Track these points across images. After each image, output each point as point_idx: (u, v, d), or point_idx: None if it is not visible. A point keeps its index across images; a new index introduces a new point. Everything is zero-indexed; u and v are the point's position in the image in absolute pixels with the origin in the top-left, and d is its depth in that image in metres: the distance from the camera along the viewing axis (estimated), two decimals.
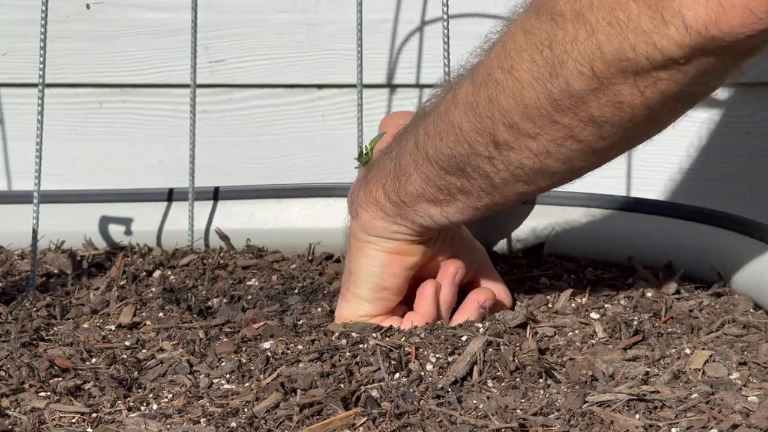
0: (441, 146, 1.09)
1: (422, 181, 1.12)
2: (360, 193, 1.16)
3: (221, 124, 1.77)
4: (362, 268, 1.18)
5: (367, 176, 1.17)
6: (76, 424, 0.98)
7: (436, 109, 1.11)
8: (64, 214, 1.50)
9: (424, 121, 1.11)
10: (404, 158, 1.12)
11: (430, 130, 1.10)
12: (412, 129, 1.13)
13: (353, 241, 1.18)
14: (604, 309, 1.24)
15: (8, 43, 1.73)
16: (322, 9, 1.73)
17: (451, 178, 1.10)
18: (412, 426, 0.95)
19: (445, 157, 1.09)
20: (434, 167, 1.10)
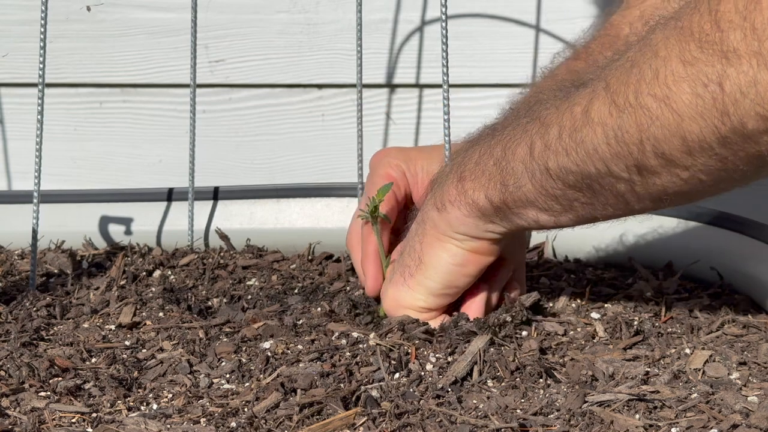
0: (566, 162, 1.03)
1: (537, 191, 1.07)
2: (451, 189, 1.12)
3: (221, 124, 1.77)
4: (438, 261, 1.15)
5: (460, 171, 1.12)
6: (76, 423, 0.98)
7: (552, 118, 1.05)
8: (64, 214, 1.50)
9: (535, 126, 1.06)
10: (514, 165, 1.08)
11: (550, 143, 1.04)
12: (518, 131, 1.08)
13: (433, 231, 1.14)
14: (604, 309, 1.24)
15: (8, 43, 1.73)
16: (322, 9, 1.73)
17: (573, 193, 1.06)
18: (412, 426, 0.95)
19: (570, 174, 1.04)
20: (554, 181, 1.06)
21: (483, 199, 1.11)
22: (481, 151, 1.12)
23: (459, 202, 1.12)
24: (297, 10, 1.73)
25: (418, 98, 1.76)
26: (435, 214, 1.14)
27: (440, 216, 1.13)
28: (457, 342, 1.11)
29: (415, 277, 1.15)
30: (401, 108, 1.77)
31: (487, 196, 1.10)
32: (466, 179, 1.11)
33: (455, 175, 1.12)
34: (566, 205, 1.07)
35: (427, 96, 1.76)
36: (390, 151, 1.30)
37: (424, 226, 1.15)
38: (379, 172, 1.28)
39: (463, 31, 1.73)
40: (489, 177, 1.10)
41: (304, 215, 1.51)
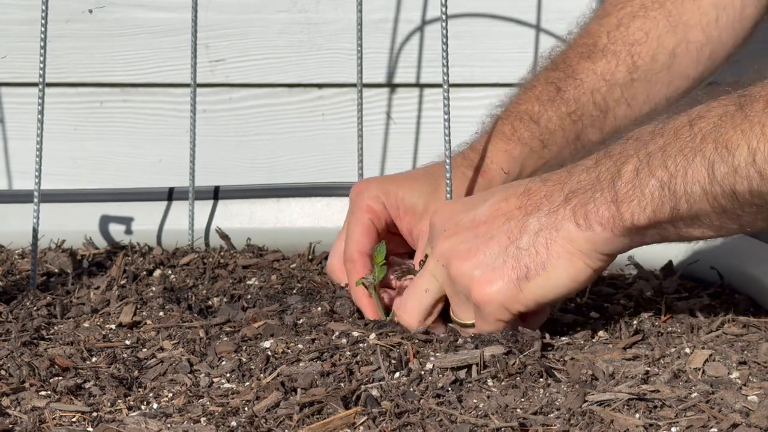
0: (760, 185, 1.00)
1: (715, 213, 1.04)
2: (602, 210, 1.06)
3: (221, 124, 1.77)
4: (565, 277, 1.09)
5: (612, 192, 1.06)
6: (76, 423, 0.98)
7: (735, 140, 1.01)
8: (64, 214, 1.50)
9: (709, 146, 1.02)
10: (690, 188, 1.03)
11: (738, 166, 1.00)
12: (684, 150, 1.03)
13: (567, 244, 1.08)
14: (604, 309, 1.24)
15: (9, 42, 1.73)
16: (323, 8, 1.73)
17: (758, 212, 1.03)
18: (412, 425, 0.95)
19: (762, 196, 1.01)
20: (740, 203, 1.02)
21: (645, 223, 1.06)
22: (635, 169, 1.06)
23: (612, 225, 1.07)
24: (297, 9, 1.73)
25: (418, 98, 1.77)
26: (573, 228, 1.08)
27: (581, 233, 1.08)
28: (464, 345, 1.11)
29: (532, 282, 1.09)
30: (401, 107, 1.77)
31: (652, 219, 1.06)
32: (622, 202, 1.06)
33: (607, 194, 1.07)
34: (745, 223, 1.05)
35: (427, 95, 1.76)
36: (370, 184, 1.29)
37: (556, 233, 1.08)
38: (359, 206, 1.28)
39: (464, 31, 1.73)
40: (654, 200, 1.05)
41: (304, 215, 1.51)
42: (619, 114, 1.37)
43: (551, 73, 1.38)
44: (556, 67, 1.38)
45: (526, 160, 1.34)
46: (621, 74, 1.36)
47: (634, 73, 1.36)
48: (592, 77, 1.36)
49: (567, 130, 1.35)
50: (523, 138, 1.34)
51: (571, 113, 1.35)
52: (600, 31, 1.38)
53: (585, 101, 1.36)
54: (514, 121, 1.35)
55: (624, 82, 1.36)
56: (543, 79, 1.38)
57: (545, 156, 1.35)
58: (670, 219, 1.06)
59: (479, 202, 1.14)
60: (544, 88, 1.37)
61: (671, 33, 1.36)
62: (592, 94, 1.36)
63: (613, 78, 1.36)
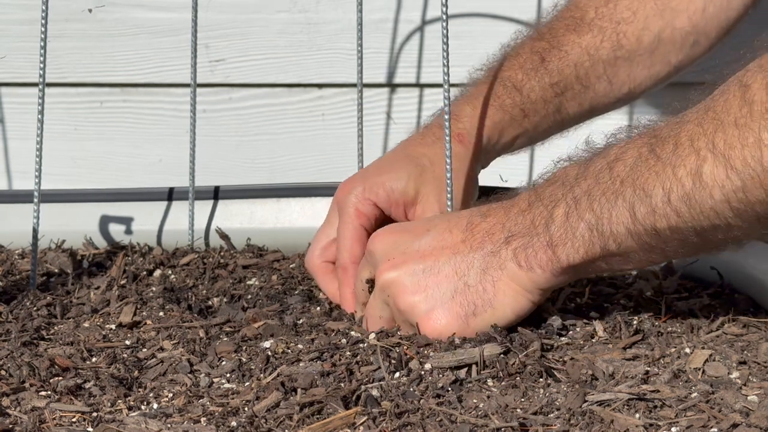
0: (677, 222, 1.05)
1: (643, 249, 1.09)
2: (540, 254, 1.11)
3: (221, 124, 1.77)
4: (510, 312, 1.13)
5: (548, 236, 1.11)
6: (76, 423, 0.98)
7: (650, 182, 1.05)
8: (64, 214, 1.50)
9: (628, 189, 1.07)
10: (615, 228, 1.08)
11: (656, 207, 1.05)
12: (607, 194, 1.08)
13: (511, 283, 1.12)
14: (604, 309, 1.24)
15: (9, 42, 1.73)
16: (323, 8, 1.73)
17: (681, 244, 1.08)
18: (412, 425, 0.95)
19: (681, 231, 1.06)
20: (662, 239, 1.07)
21: (580, 262, 1.11)
22: (565, 213, 1.10)
23: (551, 267, 1.11)
24: (297, 9, 1.73)
25: (418, 98, 1.77)
26: (516, 269, 1.12)
27: (524, 274, 1.11)
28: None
29: (479, 317, 1.12)
30: (402, 107, 1.77)
31: (585, 259, 1.10)
32: (557, 246, 1.10)
33: (543, 238, 1.11)
34: (672, 253, 1.10)
35: (427, 95, 1.76)
36: (355, 184, 1.29)
37: (501, 272, 1.12)
38: (347, 211, 1.28)
39: (464, 31, 1.73)
40: (585, 241, 1.09)
41: (304, 215, 1.51)
42: (600, 91, 1.38)
43: (536, 42, 1.38)
44: (541, 37, 1.39)
45: (506, 127, 1.35)
46: (605, 51, 1.37)
47: (618, 51, 1.37)
48: (576, 50, 1.37)
49: (548, 101, 1.36)
50: (504, 105, 1.35)
51: (553, 84, 1.36)
52: (588, 5, 1.38)
53: (568, 74, 1.37)
54: (496, 87, 1.35)
55: (607, 59, 1.37)
56: (528, 48, 1.38)
57: (525, 125, 1.36)
58: (602, 257, 1.10)
59: (423, 232, 1.16)
60: (529, 56, 1.37)
61: (658, 16, 1.36)
62: (576, 68, 1.37)
63: (597, 54, 1.37)
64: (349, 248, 1.26)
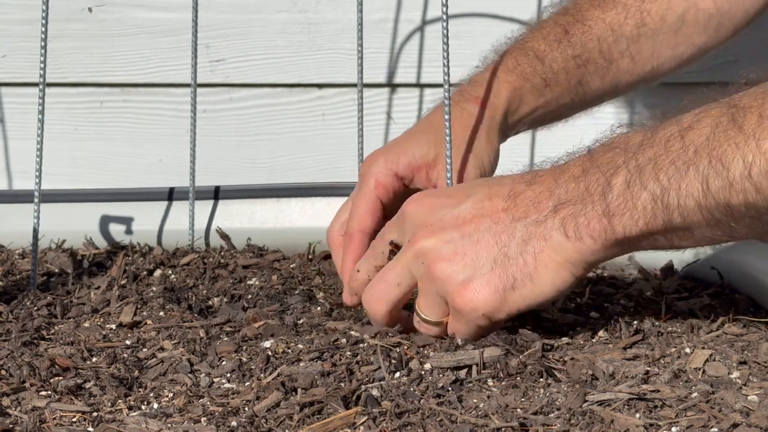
0: (755, 199, 1.00)
1: (709, 226, 1.03)
2: (593, 223, 1.06)
3: (222, 124, 1.77)
4: (550, 287, 1.08)
5: (604, 204, 1.06)
6: (76, 423, 0.98)
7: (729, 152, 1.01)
8: (64, 214, 1.50)
9: (703, 159, 1.02)
10: (684, 201, 1.03)
11: (734, 180, 1.00)
12: (677, 162, 1.03)
13: (555, 255, 1.07)
14: (604, 309, 1.24)
15: (9, 42, 1.73)
16: (323, 8, 1.73)
17: (751, 223, 1.03)
18: (412, 425, 0.96)
19: (757, 209, 1.01)
20: (734, 216, 1.02)
21: (637, 235, 1.06)
22: (626, 181, 1.05)
23: (604, 238, 1.06)
24: (297, 9, 1.73)
25: (418, 98, 1.77)
26: (563, 239, 1.07)
27: (571, 244, 1.07)
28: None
29: (517, 292, 1.08)
30: (402, 107, 1.77)
31: (644, 232, 1.05)
32: (614, 215, 1.05)
33: (598, 206, 1.06)
34: (738, 234, 1.05)
35: (428, 96, 1.76)
36: (377, 158, 1.28)
37: (543, 243, 1.07)
38: (367, 182, 1.27)
39: (464, 31, 1.73)
40: (647, 213, 1.04)
41: (304, 215, 1.51)
42: (622, 67, 1.38)
43: (560, 17, 1.39)
44: (566, 12, 1.39)
45: (527, 95, 1.34)
46: (629, 27, 1.37)
47: (641, 28, 1.37)
48: (600, 25, 1.37)
49: (570, 73, 1.36)
50: (525, 73, 1.34)
51: (576, 56, 1.36)
52: None
53: (591, 47, 1.36)
54: (518, 56, 1.35)
55: (631, 36, 1.37)
56: (552, 22, 1.38)
57: (546, 95, 1.35)
58: (662, 231, 1.05)
59: (462, 198, 1.12)
60: (552, 29, 1.37)
61: None
62: (599, 42, 1.36)
63: (621, 30, 1.37)
64: (360, 217, 1.25)
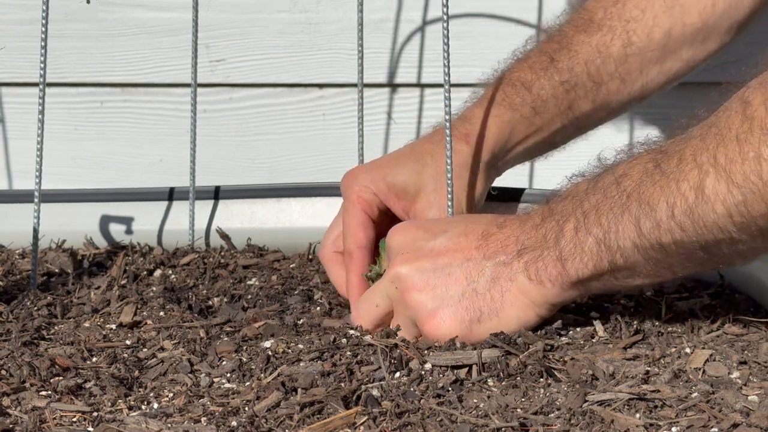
0: (681, 237, 1.05)
1: (649, 264, 1.09)
2: (550, 268, 1.12)
3: (222, 124, 1.77)
4: (515, 324, 1.13)
5: (558, 250, 1.12)
6: (77, 423, 0.98)
7: (655, 196, 1.06)
8: (64, 214, 1.50)
9: (633, 204, 1.07)
10: (622, 243, 1.08)
11: (660, 221, 1.05)
12: (614, 208, 1.09)
13: (520, 295, 1.13)
14: (604, 309, 1.24)
15: (9, 42, 1.73)
16: (323, 8, 1.73)
17: (687, 260, 1.08)
18: (412, 425, 0.96)
19: (686, 246, 1.06)
20: (668, 253, 1.07)
21: (588, 277, 1.11)
22: (574, 227, 1.11)
23: (561, 281, 1.12)
24: (298, 9, 1.73)
25: (419, 98, 1.77)
26: (526, 281, 1.13)
27: (534, 287, 1.13)
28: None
29: (483, 325, 1.13)
30: (402, 107, 1.77)
31: (595, 273, 1.11)
32: (566, 260, 1.11)
33: (553, 253, 1.11)
34: (678, 270, 1.10)
35: (428, 96, 1.76)
36: (358, 175, 1.30)
37: (510, 284, 1.13)
38: (350, 199, 1.29)
39: (464, 31, 1.73)
40: (594, 256, 1.10)
41: (304, 215, 1.51)
42: (612, 88, 1.38)
43: (546, 44, 1.39)
44: (550, 39, 1.39)
45: (516, 125, 1.35)
46: (616, 48, 1.37)
47: (628, 48, 1.37)
48: (587, 49, 1.37)
49: (559, 98, 1.36)
50: (514, 104, 1.35)
51: (564, 82, 1.36)
52: (597, 6, 1.39)
53: (579, 71, 1.37)
54: (505, 88, 1.35)
55: (618, 56, 1.37)
56: (537, 51, 1.39)
57: (536, 123, 1.36)
58: (610, 271, 1.11)
59: (439, 232, 1.17)
60: (538, 58, 1.38)
61: (667, 14, 1.37)
62: (587, 65, 1.37)
63: (608, 51, 1.37)
64: (353, 234, 1.27)
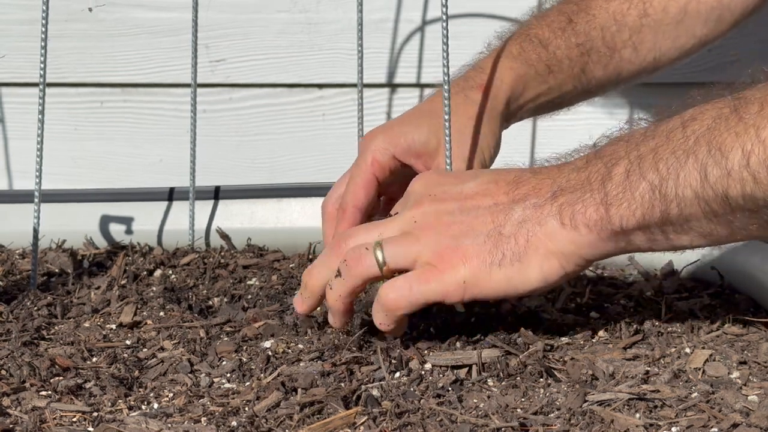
0: (753, 190, 0.97)
1: (707, 220, 1.01)
2: (590, 211, 1.04)
3: (222, 124, 1.77)
4: (536, 274, 1.06)
5: (602, 193, 1.04)
6: (77, 423, 0.98)
7: (728, 142, 0.98)
8: (65, 214, 1.50)
9: (702, 148, 0.99)
10: (681, 191, 1.00)
11: (732, 169, 0.97)
12: (676, 152, 1.01)
13: (547, 241, 1.05)
14: (604, 309, 1.24)
15: (9, 42, 1.73)
16: (323, 8, 1.73)
17: (751, 219, 1.00)
18: (412, 425, 0.96)
19: (755, 201, 0.98)
20: (732, 208, 0.99)
21: (634, 227, 1.03)
22: (626, 171, 1.03)
23: (600, 228, 1.04)
24: (297, 9, 1.73)
25: (419, 98, 1.77)
26: (557, 226, 1.05)
27: (566, 233, 1.05)
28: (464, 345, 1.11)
29: (503, 270, 1.06)
30: (402, 107, 1.77)
31: (641, 224, 1.03)
32: (611, 204, 1.03)
33: (597, 195, 1.04)
34: (737, 230, 1.02)
35: (428, 95, 1.76)
36: (376, 135, 1.29)
37: (537, 227, 1.06)
38: (365, 158, 1.28)
39: (464, 31, 1.73)
40: (644, 203, 1.02)
41: (304, 215, 1.51)
42: (625, 56, 1.39)
43: (565, 5, 1.40)
44: (569, 1, 1.40)
45: (530, 81, 1.35)
46: (632, 17, 1.38)
47: (644, 19, 1.38)
48: (604, 15, 1.38)
49: (574, 60, 1.37)
50: (529, 59, 1.35)
51: (579, 45, 1.37)
52: None
53: (594, 36, 1.37)
54: (522, 42, 1.36)
55: (633, 26, 1.38)
56: (556, 10, 1.40)
57: (549, 82, 1.36)
58: (659, 223, 1.03)
59: (468, 178, 1.11)
60: (556, 17, 1.38)
61: None
62: (602, 31, 1.37)
63: (624, 20, 1.38)
64: (355, 191, 1.26)
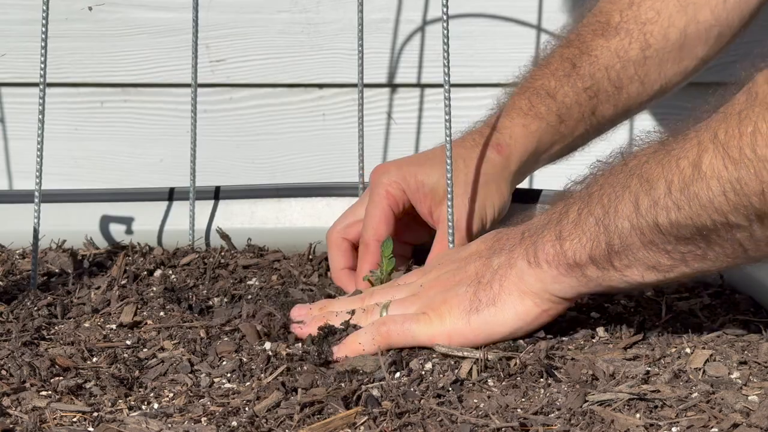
0: (677, 217, 1.02)
1: (646, 249, 1.06)
2: (548, 248, 1.10)
3: (222, 124, 1.77)
4: (512, 314, 1.11)
5: (558, 229, 1.10)
6: (77, 423, 0.98)
7: (655, 173, 1.04)
8: (65, 214, 1.50)
9: (634, 181, 1.05)
10: (618, 222, 1.06)
11: (658, 199, 1.03)
12: (615, 187, 1.07)
13: (518, 282, 1.11)
14: (604, 309, 1.24)
15: (9, 42, 1.73)
16: (323, 9, 1.73)
17: (686, 247, 1.05)
18: (412, 425, 0.96)
19: (682, 228, 1.03)
20: (665, 236, 1.04)
21: (586, 260, 1.09)
22: (578, 209, 1.10)
23: (557, 263, 1.10)
24: (298, 9, 1.73)
25: (419, 98, 1.77)
26: (525, 266, 1.11)
27: (532, 271, 1.11)
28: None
29: (481, 316, 1.11)
30: (402, 108, 1.77)
31: (591, 257, 1.08)
32: (565, 239, 1.09)
33: (553, 232, 1.10)
34: (677, 259, 1.06)
35: (428, 96, 1.76)
36: (389, 169, 1.32)
37: (509, 270, 1.12)
38: (378, 192, 1.31)
39: (464, 31, 1.73)
40: (591, 236, 1.08)
41: (304, 215, 1.51)
42: (632, 92, 1.39)
43: (565, 50, 1.40)
44: (569, 44, 1.40)
45: (543, 134, 1.37)
46: (634, 52, 1.38)
47: (646, 51, 1.38)
48: (606, 54, 1.38)
49: (583, 105, 1.38)
50: (540, 113, 1.36)
51: (587, 89, 1.37)
52: (612, 9, 1.40)
53: (600, 77, 1.38)
54: (530, 97, 1.37)
55: (637, 60, 1.38)
56: (558, 56, 1.40)
57: (562, 131, 1.37)
58: (606, 255, 1.08)
59: (473, 242, 1.20)
60: (560, 64, 1.38)
61: (681, 12, 1.38)
62: (607, 71, 1.38)
63: (627, 55, 1.38)
64: (375, 226, 1.29)
